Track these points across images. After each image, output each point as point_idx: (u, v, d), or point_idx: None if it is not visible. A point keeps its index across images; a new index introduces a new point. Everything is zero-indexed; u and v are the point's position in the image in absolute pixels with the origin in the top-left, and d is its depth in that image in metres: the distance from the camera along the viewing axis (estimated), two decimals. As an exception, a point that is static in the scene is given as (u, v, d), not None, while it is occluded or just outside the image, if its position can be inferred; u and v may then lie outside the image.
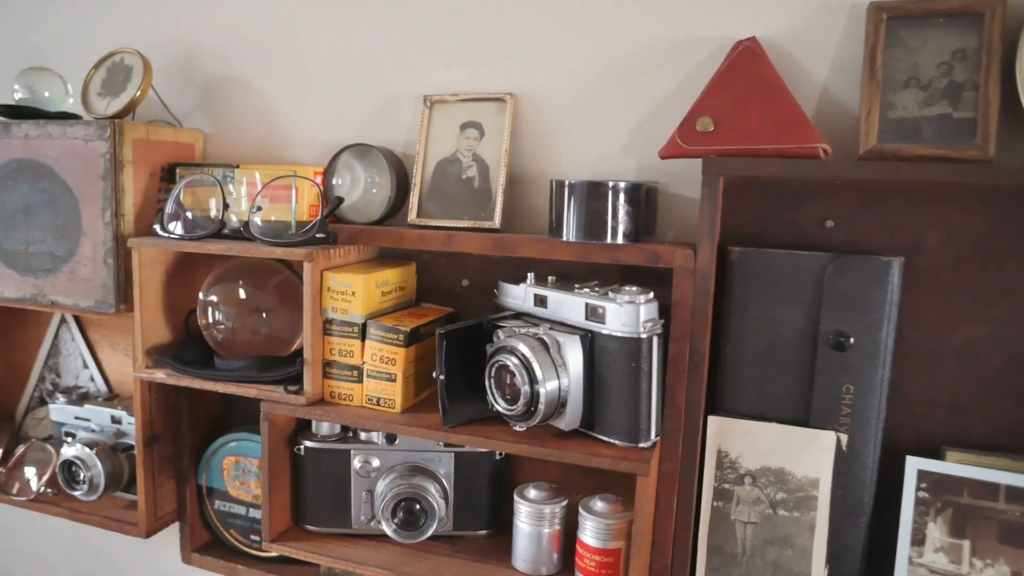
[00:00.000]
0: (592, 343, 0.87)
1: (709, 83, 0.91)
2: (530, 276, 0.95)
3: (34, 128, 1.11)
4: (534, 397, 0.85)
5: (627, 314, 0.84)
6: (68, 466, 1.19)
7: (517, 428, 0.89)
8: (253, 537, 1.18)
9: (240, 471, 1.17)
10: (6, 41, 1.39)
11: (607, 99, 1.00)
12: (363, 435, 1.02)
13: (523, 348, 0.85)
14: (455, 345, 0.90)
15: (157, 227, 1.06)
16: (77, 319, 1.34)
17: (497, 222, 0.99)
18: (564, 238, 0.92)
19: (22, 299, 1.16)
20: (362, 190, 1.09)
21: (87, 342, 1.34)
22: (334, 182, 1.08)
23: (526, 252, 0.94)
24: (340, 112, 1.14)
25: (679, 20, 0.96)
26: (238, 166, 1.08)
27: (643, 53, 0.98)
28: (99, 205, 1.08)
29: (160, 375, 1.05)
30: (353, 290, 0.95)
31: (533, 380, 0.84)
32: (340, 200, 1.01)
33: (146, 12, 1.26)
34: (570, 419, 0.88)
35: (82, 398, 1.29)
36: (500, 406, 0.87)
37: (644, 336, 0.84)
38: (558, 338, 0.87)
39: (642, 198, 0.91)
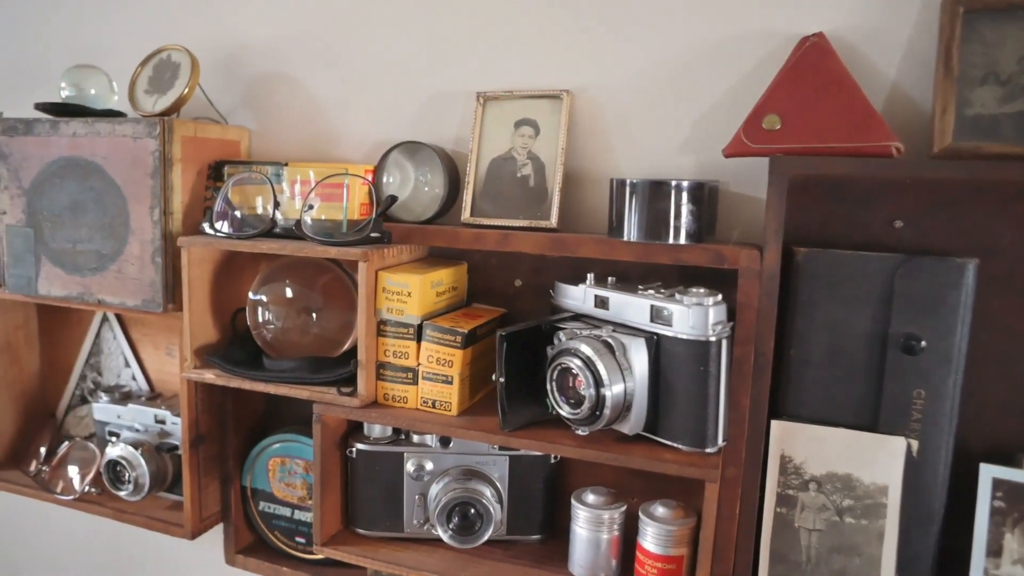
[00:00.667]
0: (658, 346, 0.85)
1: (775, 80, 0.89)
2: (590, 277, 0.93)
3: (82, 126, 1.10)
4: (599, 401, 0.83)
5: (695, 316, 0.82)
6: (113, 466, 1.18)
7: (579, 432, 0.88)
8: (298, 539, 1.17)
9: (286, 472, 1.16)
10: (50, 38, 1.38)
11: (665, 96, 0.98)
12: (415, 438, 1.01)
13: (588, 350, 0.84)
14: (514, 347, 0.89)
15: (206, 226, 1.05)
16: (119, 317, 1.34)
17: (554, 221, 0.98)
18: (625, 238, 0.90)
19: (68, 298, 1.15)
20: (412, 188, 1.08)
21: (129, 341, 1.33)
22: (384, 180, 1.07)
23: (586, 252, 0.92)
24: (388, 109, 1.13)
25: (741, 15, 0.94)
26: (287, 164, 1.07)
27: (703, 49, 0.96)
28: (147, 203, 1.07)
29: (209, 376, 1.04)
30: (409, 290, 0.94)
31: (599, 383, 0.83)
32: (393, 199, 0.99)
33: (189, 8, 1.25)
34: (634, 423, 0.86)
35: (124, 397, 1.28)
36: (564, 410, 0.86)
37: (713, 339, 0.82)
38: (623, 340, 0.85)
39: (705, 197, 0.89)
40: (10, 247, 1.19)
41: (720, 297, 0.84)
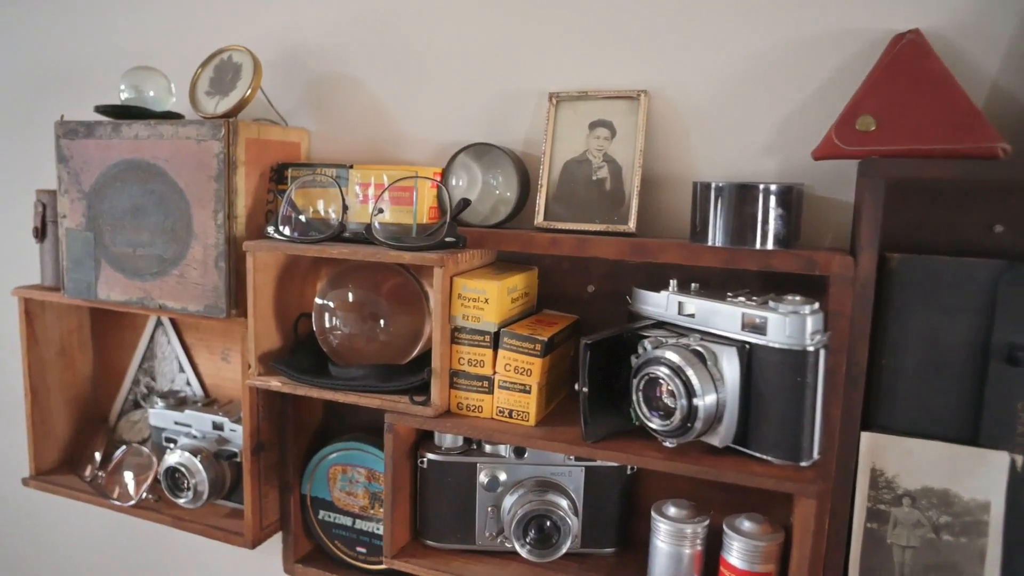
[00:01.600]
0: (750, 355, 0.82)
1: (868, 79, 0.85)
2: (672, 283, 0.90)
3: (145, 128, 1.09)
4: (691, 412, 0.80)
5: (792, 325, 0.79)
6: (172, 473, 1.16)
7: (667, 444, 0.85)
8: (359, 549, 1.15)
9: (347, 481, 1.14)
10: (106, 41, 1.37)
11: (747, 96, 0.95)
12: (487, 448, 0.98)
13: (678, 360, 0.81)
14: (596, 355, 0.86)
15: (271, 230, 1.03)
16: (173, 322, 1.32)
17: (632, 225, 0.95)
18: (709, 243, 0.87)
19: (129, 303, 1.14)
20: (479, 191, 1.05)
21: (183, 345, 1.32)
22: (452, 183, 1.04)
23: (668, 258, 0.89)
24: (453, 110, 1.10)
25: (828, 12, 0.91)
26: (352, 166, 1.04)
27: (788, 47, 0.93)
28: (211, 207, 1.05)
29: (275, 383, 1.02)
30: (486, 297, 0.91)
31: (691, 394, 0.80)
32: (467, 202, 0.97)
33: (246, 9, 1.24)
34: (724, 435, 0.83)
35: (180, 403, 1.27)
36: (654, 422, 0.83)
37: (811, 349, 0.79)
38: (713, 349, 0.82)
39: (793, 201, 0.86)
40: (70, 251, 1.17)
41: (817, 305, 0.80)
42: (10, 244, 1.54)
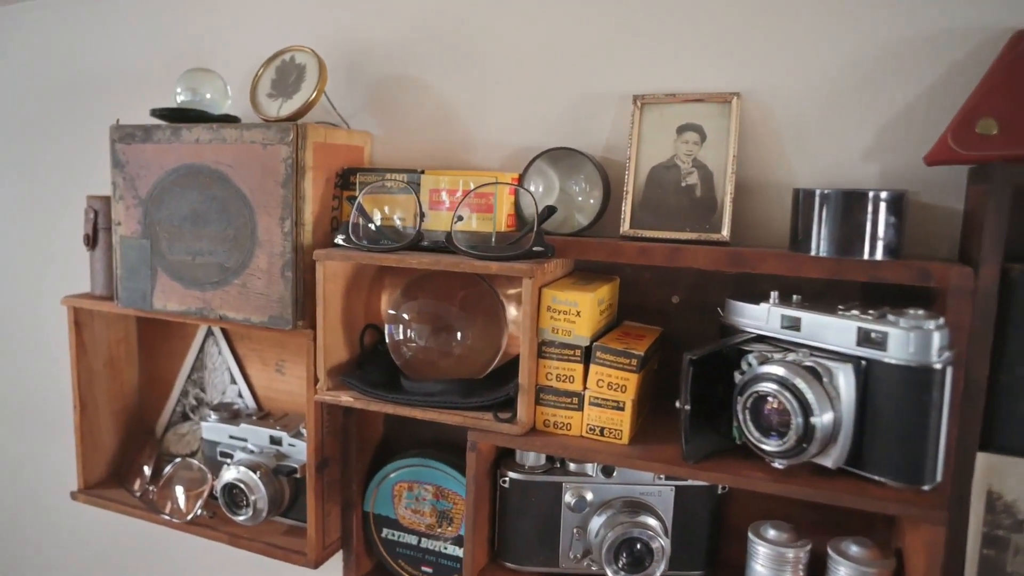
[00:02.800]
0: (866, 372, 0.78)
1: (986, 80, 0.81)
2: (774, 295, 0.86)
3: (206, 132, 1.04)
4: (807, 431, 0.76)
5: (917, 341, 0.74)
6: (230, 489, 1.12)
7: (776, 465, 0.80)
8: (424, 568, 1.11)
9: (413, 499, 1.09)
10: (157, 42, 1.33)
11: (846, 99, 0.91)
12: (572, 466, 0.94)
13: (793, 377, 0.76)
14: (698, 371, 0.81)
15: (341, 238, 0.99)
16: (224, 331, 1.28)
17: (726, 234, 0.90)
18: (812, 253, 0.83)
19: (187, 313, 1.09)
20: (555, 198, 1.01)
21: (235, 356, 1.27)
22: (529, 189, 1.00)
23: (768, 268, 0.85)
24: (527, 113, 1.06)
25: (937, 9, 0.86)
26: (423, 171, 1.00)
27: (892, 47, 0.89)
28: (277, 214, 1.01)
29: (345, 398, 0.98)
30: (578, 309, 0.87)
31: (808, 412, 0.75)
32: (553, 209, 0.92)
33: (304, 8, 1.19)
34: (837, 456, 0.78)
35: (234, 416, 1.22)
36: (768, 443, 0.78)
37: (938, 366, 0.74)
38: (828, 366, 0.77)
39: (904, 209, 0.82)
40: (124, 259, 1.13)
41: (943, 320, 0.76)
42: (58, 251, 1.50)
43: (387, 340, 1.01)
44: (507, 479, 0.94)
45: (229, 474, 1.12)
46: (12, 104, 1.53)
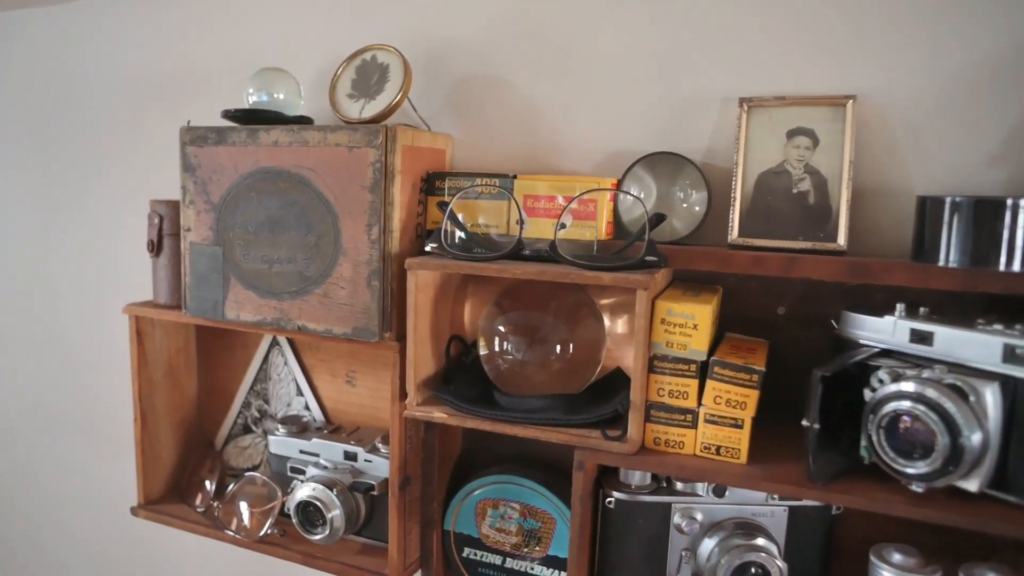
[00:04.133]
0: (1014, 390, 0.74)
1: None
2: (900, 307, 0.82)
3: (285, 134, 1.00)
4: (955, 453, 0.72)
5: (1074, 358, 0.71)
6: (304, 507, 1.08)
7: (914, 488, 0.76)
8: (507, 589, 1.07)
9: (498, 517, 1.05)
10: (221, 43, 1.29)
11: (969, 102, 0.87)
12: (679, 485, 0.90)
13: (938, 396, 0.72)
14: (827, 388, 0.77)
15: (433, 246, 0.94)
16: (291, 341, 1.23)
17: (843, 243, 0.87)
18: (940, 263, 0.79)
19: (262, 323, 1.05)
20: (653, 204, 0.97)
21: (302, 367, 1.23)
22: (639, 196, 0.96)
23: (893, 280, 0.81)
24: (621, 116, 1.02)
25: (1067, 10, 0.83)
26: (515, 176, 0.96)
27: (1019, 46, 0.85)
28: (364, 220, 0.97)
29: (439, 414, 0.93)
30: (695, 322, 0.83)
31: (956, 433, 0.71)
32: (663, 217, 0.88)
33: (378, 4, 1.15)
34: (982, 479, 0.74)
35: (302, 429, 1.18)
36: (909, 466, 0.74)
37: (1096, 385, 0.70)
38: (974, 383, 0.74)
39: (1043, 218, 0.78)
40: (194, 267, 1.09)
41: (1100, 335, 0.72)
42: (116, 258, 1.46)
43: (480, 352, 0.96)
44: (612, 499, 0.90)
45: (303, 491, 1.07)
46: (72, 107, 1.48)
